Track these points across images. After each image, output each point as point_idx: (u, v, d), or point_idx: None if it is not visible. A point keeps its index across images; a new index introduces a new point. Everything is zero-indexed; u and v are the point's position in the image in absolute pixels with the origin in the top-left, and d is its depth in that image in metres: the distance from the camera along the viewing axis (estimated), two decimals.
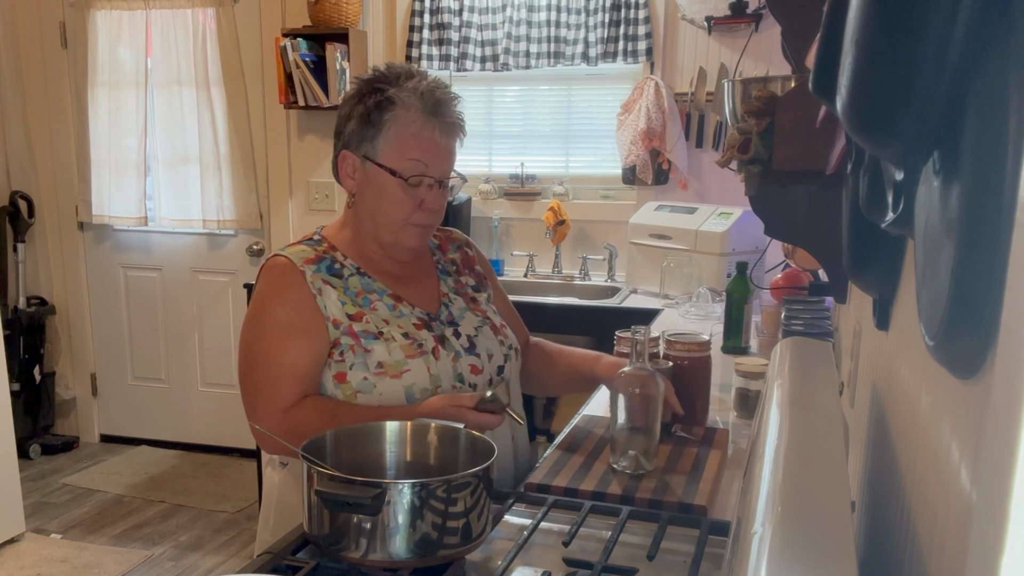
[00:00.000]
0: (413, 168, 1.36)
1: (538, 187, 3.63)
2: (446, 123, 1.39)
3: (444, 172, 1.40)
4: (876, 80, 0.51)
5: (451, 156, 1.42)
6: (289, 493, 1.44)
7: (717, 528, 1.13)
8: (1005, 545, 0.36)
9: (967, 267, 0.46)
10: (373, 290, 1.41)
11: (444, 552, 1.01)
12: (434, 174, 1.38)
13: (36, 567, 3.05)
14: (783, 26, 1.49)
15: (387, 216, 1.39)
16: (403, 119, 1.36)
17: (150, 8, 3.83)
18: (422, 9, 3.54)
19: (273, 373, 1.34)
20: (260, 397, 1.35)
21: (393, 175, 1.37)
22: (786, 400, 0.84)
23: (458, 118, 1.42)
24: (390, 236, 1.41)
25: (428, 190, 1.39)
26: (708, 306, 2.69)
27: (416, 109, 1.36)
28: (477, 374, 1.42)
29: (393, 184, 1.37)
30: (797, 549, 0.52)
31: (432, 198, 1.39)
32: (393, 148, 1.36)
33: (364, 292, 1.40)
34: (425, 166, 1.37)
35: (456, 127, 1.41)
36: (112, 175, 4.00)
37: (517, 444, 1.51)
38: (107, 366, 4.29)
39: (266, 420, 1.31)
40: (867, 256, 0.91)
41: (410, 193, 1.37)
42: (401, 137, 1.36)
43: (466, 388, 1.40)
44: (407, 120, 1.36)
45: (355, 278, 1.41)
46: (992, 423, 0.42)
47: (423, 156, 1.37)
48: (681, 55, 3.35)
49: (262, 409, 1.34)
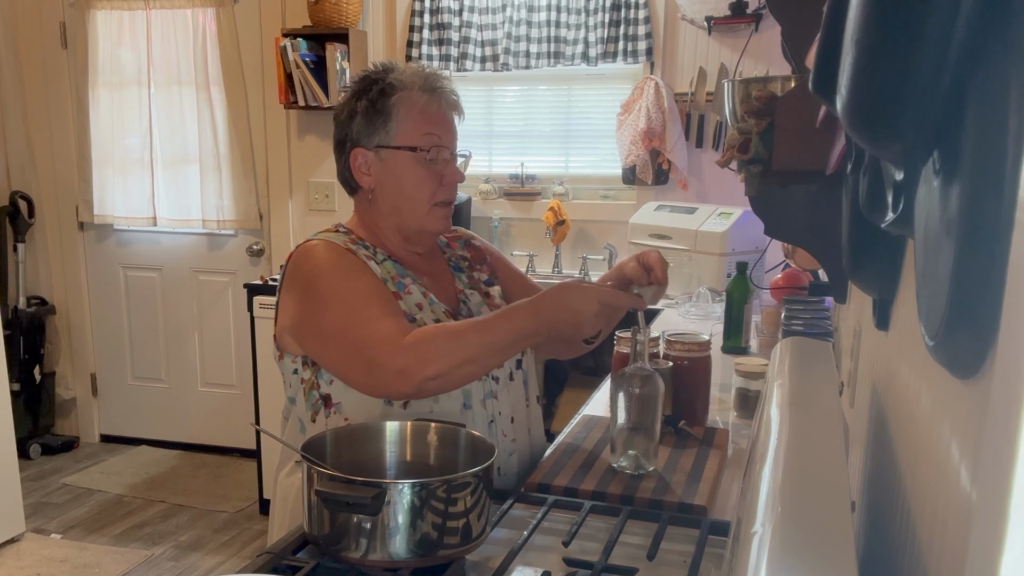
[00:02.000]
0: (430, 140, 1.39)
1: (538, 187, 3.63)
2: (446, 98, 1.42)
3: (454, 144, 1.44)
4: (876, 80, 0.51)
5: (455, 130, 1.45)
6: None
7: (717, 528, 1.13)
8: (1005, 545, 0.36)
9: (967, 267, 0.46)
10: (407, 275, 1.42)
11: (444, 552, 1.01)
12: (448, 145, 1.42)
13: (36, 567, 3.05)
14: (783, 26, 1.49)
15: (412, 199, 1.40)
16: (408, 100, 1.38)
17: (150, 8, 3.83)
18: (422, 9, 3.54)
19: (380, 336, 1.26)
20: (378, 354, 1.25)
21: (413, 151, 1.39)
22: (786, 400, 0.84)
23: (454, 94, 1.45)
24: (415, 222, 1.42)
25: (446, 164, 1.41)
26: (708, 306, 2.69)
27: (417, 88, 1.39)
28: (499, 367, 1.43)
29: (413, 163, 1.39)
30: (797, 549, 0.52)
31: (451, 172, 1.42)
32: (406, 128, 1.39)
33: (398, 277, 1.40)
34: (439, 138, 1.40)
35: (455, 102, 1.44)
36: (115, 175, 4.01)
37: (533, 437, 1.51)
38: (107, 366, 4.29)
39: (399, 360, 1.23)
40: (867, 256, 0.91)
41: (431, 169, 1.39)
42: (411, 115, 1.38)
43: (489, 380, 1.41)
44: (412, 100, 1.39)
45: (388, 263, 1.42)
46: (992, 423, 0.42)
47: (435, 128, 1.40)
48: (681, 55, 3.35)
49: (383, 364, 1.25)
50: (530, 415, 1.51)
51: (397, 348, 1.24)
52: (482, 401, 1.40)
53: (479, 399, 1.40)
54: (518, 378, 1.48)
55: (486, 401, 1.41)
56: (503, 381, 1.44)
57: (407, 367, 1.22)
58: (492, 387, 1.42)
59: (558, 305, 1.24)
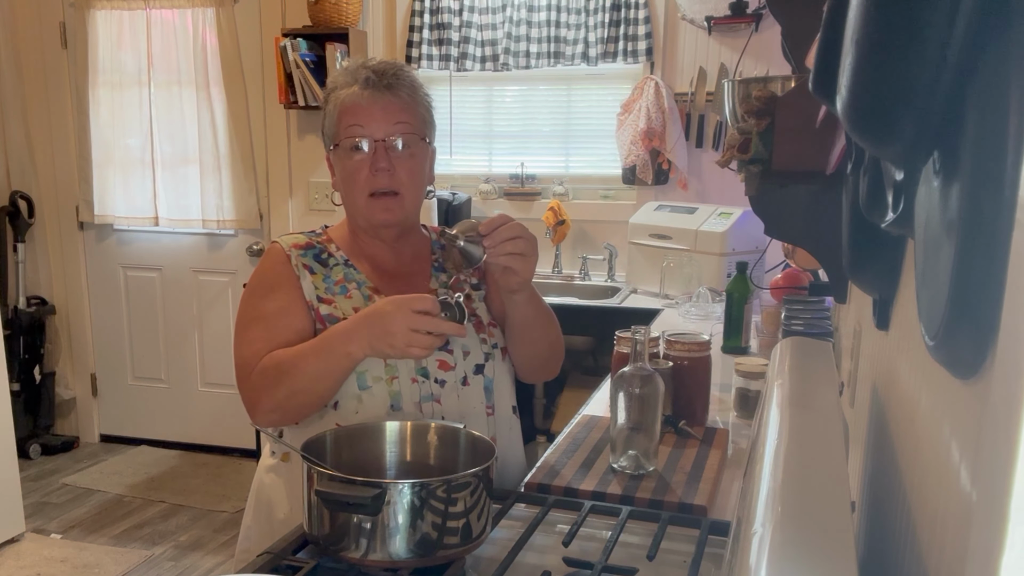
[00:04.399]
0: (350, 132, 1.38)
1: (538, 187, 3.63)
2: (380, 85, 1.37)
3: (385, 130, 1.37)
4: (876, 80, 0.51)
5: (391, 113, 1.37)
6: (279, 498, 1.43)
7: (717, 528, 1.13)
8: (1005, 545, 0.36)
9: (967, 267, 0.46)
10: (354, 280, 1.42)
11: (444, 552, 1.01)
12: (373, 133, 1.37)
13: (36, 567, 3.05)
14: (783, 26, 1.49)
15: (352, 195, 1.40)
16: (337, 97, 1.40)
17: (150, 8, 3.83)
18: (422, 9, 3.54)
19: (240, 362, 1.36)
20: (238, 380, 1.36)
21: (336, 147, 1.40)
22: (786, 400, 0.84)
23: (394, 78, 1.38)
24: (361, 217, 1.42)
25: (374, 153, 1.37)
26: (708, 306, 2.69)
27: (347, 85, 1.39)
28: (447, 370, 1.38)
29: (342, 159, 1.39)
30: (797, 549, 0.52)
31: (379, 158, 1.37)
32: (335, 126, 1.40)
33: (344, 281, 1.41)
34: (361, 128, 1.37)
35: (394, 86, 1.38)
36: (115, 175, 4.01)
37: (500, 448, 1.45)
38: (107, 366, 4.29)
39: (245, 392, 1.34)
40: (867, 256, 0.91)
41: (357, 160, 1.37)
42: (337, 111, 1.39)
43: (431, 383, 1.37)
44: (339, 96, 1.39)
45: (340, 268, 1.42)
46: (992, 423, 0.42)
47: (355, 119, 1.37)
48: (681, 55, 3.35)
49: (241, 391, 1.36)
50: (495, 425, 1.43)
51: (245, 379, 1.34)
52: (417, 404, 1.35)
53: (413, 401, 1.35)
54: (476, 384, 1.40)
55: (423, 404, 1.35)
56: (452, 385, 1.38)
57: (249, 399, 1.34)
58: (434, 390, 1.37)
59: (368, 321, 1.24)
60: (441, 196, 3.43)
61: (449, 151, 3.66)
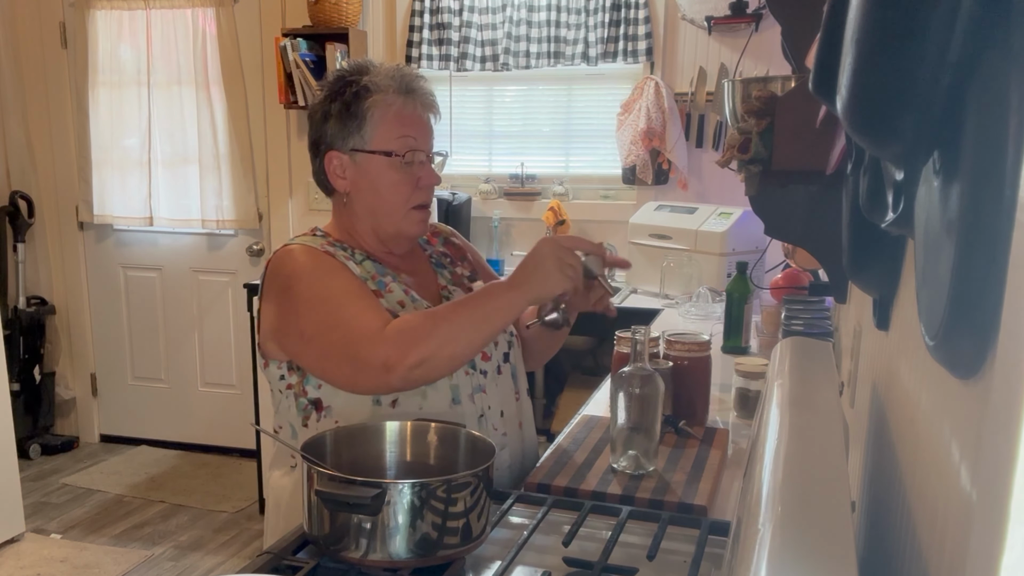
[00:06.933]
0: (405, 144, 1.38)
1: (538, 187, 3.63)
2: (422, 99, 1.41)
3: (431, 146, 1.43)
4: (876, 80, 0.51)
5: (431, 129, 1.44)
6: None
7: (717, 528, 1.13)
8: (1005, 545, 0.36)
9: (967, 267, 0.46)
10: (387, 273, 1.41)
11: (444, 552, 1.01)
12: (424, 148, 1.41)
13: (36, 567, 3.05)
14: (783, 26, 1.49)
15: (388, 204, 1.40)
16: (383, 103, 1.38)
17: (150, 8, 3.83)
18: (422, 9, 3.54)
19: (360, 332, 1.26)
20: (360, 349, 1.26)
21: (388, 156, 1.38)
22: (786, 400, 0.84)
23: (431, 94, 1.44)
24: (392, 226, 1.41)
25: (421, 167, 1.40)
26: (708, 306, 2.69)
27: (392, 90, 1.38)
28: (486, 360, 1.43)
29: (388, 168, 1.38)
30: (797, 549, 0.52)
31: (427, 174, 1.41)
32: (381, 132, 1.38)
33: (379, 276, 1.40)
34: (415, 140, 1.39)
35: (431, 103, 1.43)
36: (115, 175, 4.01)
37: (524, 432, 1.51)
38: (107, 366, 4.29)
39: (380, 352, 1.23)
40: (867, 256, 0.91)
41: (406, 172, 1.38)
42: (386, 119, 1.37)
43: (477, 374, 1.41)
44: (387, 103, 1.38)
45: (368, 263, 1.41)
46: (992, 423, 0.42)
47: (411, 131, 1.38)
48: (681, 55, 3.35)
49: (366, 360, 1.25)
50: (520, 409, 1.51)
51: (378, 341, 1.24)
52: (471, 396, 1.39)
53: (467, 394, 1.38)
54: (506, 372, 1.47)
55: (475, 396, 1.39)
56: (491, 375, 1.43)
57: (389, 358, 1.22)
58: (480, 381, 1.41)
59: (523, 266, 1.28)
60: (441, 196, 3.43)
61: (449, 151, 3.66)
